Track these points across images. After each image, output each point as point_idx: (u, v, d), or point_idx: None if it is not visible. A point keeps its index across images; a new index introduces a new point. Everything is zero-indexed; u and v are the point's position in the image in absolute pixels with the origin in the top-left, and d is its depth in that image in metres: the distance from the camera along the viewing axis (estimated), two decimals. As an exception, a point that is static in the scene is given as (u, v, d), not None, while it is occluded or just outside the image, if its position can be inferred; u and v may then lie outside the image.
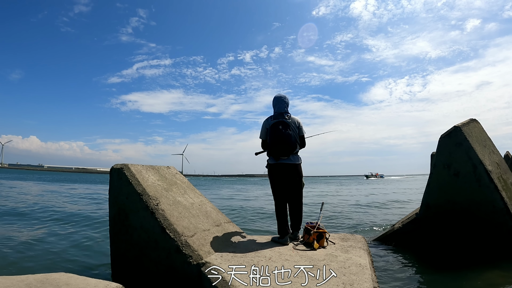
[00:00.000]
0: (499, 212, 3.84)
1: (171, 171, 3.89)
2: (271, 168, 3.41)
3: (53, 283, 2.22)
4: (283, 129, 3.29)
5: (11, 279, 2.27)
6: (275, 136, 3.29)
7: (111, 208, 3.15)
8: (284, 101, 3.46)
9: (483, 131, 4.57)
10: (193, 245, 2.72)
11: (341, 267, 2.58)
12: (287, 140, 3.27)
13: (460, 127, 4.14)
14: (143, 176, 3.19)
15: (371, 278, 2.36)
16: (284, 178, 3.38)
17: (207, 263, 2.57)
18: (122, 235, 3.03)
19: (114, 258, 3.12)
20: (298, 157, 3.44)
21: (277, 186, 3.42)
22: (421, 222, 4.64)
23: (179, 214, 3.05)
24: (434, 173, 4.42)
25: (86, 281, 2.31)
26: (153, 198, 2.96)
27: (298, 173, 3.40)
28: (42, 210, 9.29)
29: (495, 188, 3.85)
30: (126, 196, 3.01)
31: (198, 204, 3.59)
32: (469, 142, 4.02)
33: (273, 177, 3.41)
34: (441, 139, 4.30)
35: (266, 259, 2.75)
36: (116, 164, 3.18)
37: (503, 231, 3.85)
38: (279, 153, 3.30)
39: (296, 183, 3.42)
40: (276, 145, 3.29)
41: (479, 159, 3.94)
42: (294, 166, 3.37)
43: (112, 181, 3.14)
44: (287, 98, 3.50)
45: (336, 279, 2.33)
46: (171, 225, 2.79)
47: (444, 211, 4.30)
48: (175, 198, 3.31)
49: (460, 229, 4.14)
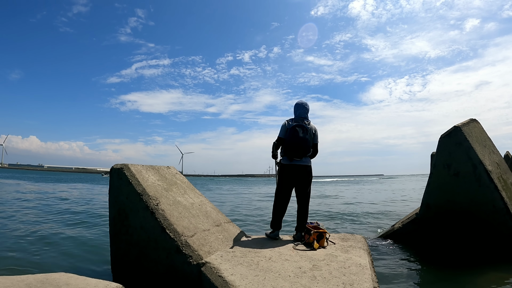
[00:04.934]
0: (499, 212, 3.84)
1: (171, 171, 3.89)
2: (284, 168, 3.55)
3: (53, 283, 2.21)
4: (301, 132, 3.46)
5: (11, 279, 2.27)
6: (293, 138, 3.46)
7: (111, 208, 3.15)
8: (305, 107, 3.68)
9: (483, 131, 4.57)
10: (193, 245, 2.73)
11: (341, 267, 2.58)
12: (303, 144, 3.45)
13: (460, 127, 4.14)
14: (143, 176, 3.19)
15: (371, 278, 2.36)
16: (295, 179, 3.51)
17: (207, 263, 2.57)
18: (122, 235, 3.03)
19: (114, 258, 3.12)
20: (310, 160, 3.61)
21: (285, 186, 3.54)
22: (421, 222, 4.65)
23: (179, 214, 3.05)
24: (434, 173, 4.42)
25: (86, 281, 2.31)
26: (153, 198, 2.96)
27: (309, 175, 3.55)
28: (42, 210, 9.29)
29: (495, 188, 3.85)
30: (126, 196, 3.01)
31: (198, 204, 3.59)
32: (469, 142, 4.03)
33: (284, 176, 3.53)
34: (441, 139, 4.30)
35: (266, 259, 2.75)
36: (116, 164, 3.18)
37: (503, 231, 3.85)
38: (294, 154, 3.46)
39: (306, 185, 3.55)
40: (292, 147, 3.45)
41: (479, 159, 3.94)
42: (306, 168, 3.52)
43: (112, 181, 3.14)
44: (308, 105, 3.71)
45: (336, 279, 2.33)
46: (171, 225, 2.79)
47: (444, 211, 4.30)
48: (175, 198, 3.31)
49: (460, 229, 4.14)
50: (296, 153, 3.45)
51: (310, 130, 3.55)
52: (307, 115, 3.68)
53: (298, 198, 3.58)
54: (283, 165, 3.56)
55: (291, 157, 3.48)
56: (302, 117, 3.61)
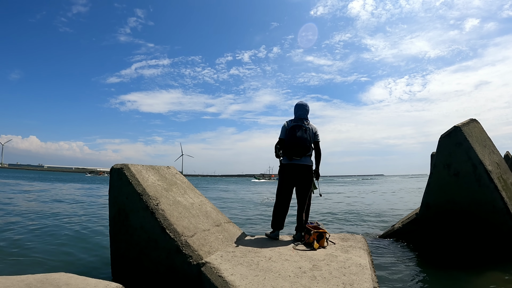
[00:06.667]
0: (499, 212, 3.84)
1: (171, 171, 3.89)
2: (283, 167, 3.57)
3: (53, 283, 2.21)
4: (299, 131, 3.49)
5: (11, 279, 2.27)
6: (291, 137, 3.49)
7: (111, 208, 3.15)
8: (305, 108, 3.71)
9: (483, 131, 4.57)
10: (193, 245, 2.73)
11: (341, 267, 2.57)
12: (302, 142, 3.47)
13: (460, 127, 4.14)
14: (143, 176, 3.19)
15: (371, 278, 2.36)
16: (295, 178, 3.52)
17: (207, 263, 2.57)
18: (122, 235, 3.03)
19: (114, 258, 3.12)
20: (311, 160, 3.60)
21: (286, 185, 3.55)
22: (421, 222, 4.65)
23: (179, 214, 3.05)
24: (434, 173, 4.42)
25: (86, 281, 2.31)
26: (153, 198, 2.96)
27: (309, 174, 3.55)
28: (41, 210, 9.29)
29: (495, 188, 3.85)
30: (126, 196, 3.01)
31: (198, 204, 3.59)
32: (469, 142, 4.03)
33: (284, 176, 3.55)
34: (441, 139, 4.30)
35: (266, 259, 2.75)
36: (116, 164, 3.18)
37: (503, 231, 3.85)
38: (293, 153, 3.48)
39: (306, 184, 3.55)
40: (291, 146, 3.48)
41: (479, 159, 3.94)
42: (306, 167, 3.53)
43: (112, 181, 3.14)
44: (307, 106, 3.74)
45: (336, 279, 2.33)
46: (171, 225, 2.79)
47: (444, 211, 4.30)
48: (175, 198, 3.31)
49: (460, 229, 4.14)
50: (295, 152, 3.47)
51: (310, 130, 3.57)
52: (307, 115, 3.71)
53: (298, 198, 3.58)
54: (283, 165, 3.58)
55: (290, 157, 3.50)
56: (301, 118, 3.65)
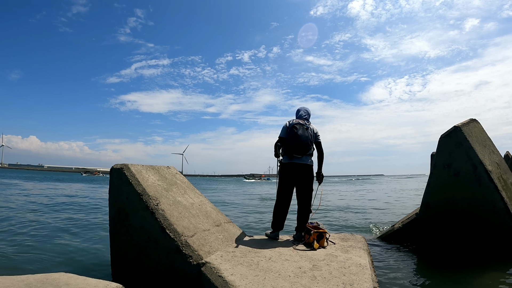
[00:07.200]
0: (499, 212, 3.84)
1: (171, 171, 3.89)
2: (284, 166, 3.57)
3: (53, 283, 2.21)
4: (300, 130, 3.51)
5: (11, 279, 2.27)
6: (292, 136, 3.50)
7: (111, 208, 3.15)
8: (307, 111, 3.81)
9: (483, 131, 4.57)
10: (193, 245, 2.73)
11: (341, 267, 2.58)
12: (303, 141, 3.48)
13: (460, 127, 4.14)
14: (143, 176, 3.19)
15: (371, 278, 2.36)
16: (295, 178, 3.51)
17: (207, 263, 2.57)
18: (122, 235, 3.03)
19: (114, 258, 3.12)
20: (312, 160, 3.61)
21: (286, 185, 3.54)
22: (421, 222, 4.64)
23: (179, 214, 3.05)
24: (434, 173, 4.42)
25: (86, 281, 2.31)
26: (153, 198, 2.96)
27: (309, 173, 3.55)
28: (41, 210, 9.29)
29: (495, 188, 3.85)
30: (126, 196, 3.01)
31: (198, 204, 3.59)
32: (469, 142, 4.02)
33: (284, 175, 3.54)
34: (441, 139, 4.29)
35: (266, 259, 2.75)
36: (116, 164, 3.18)
37: (503, 231, 3.84)
38: (294, 151, 3.48)
39: (307, 183, 3.54)
40: (291, 144, 3.48)
41: (479, 159, 3.94)
42: (306, 167, 3.52)
43: (112, 181, 3.14)
44: (309, 110, 3.85)
45: (336, 279, 2.33)
46: (171, 225, 2.79)
47: (444, 211, 4.30)
48: (175, 198, 3.31)
49: (460, 229, 4.14)
50: (296, 150, 3.47)
51: (311, 130, 3.60)
52: (308, 118, 3.77)
53: (299, 197, 3.57)
54: (283, 164, 3.58)
55: (291, 155, 3.50)
56: (302, 118, 3.69)
